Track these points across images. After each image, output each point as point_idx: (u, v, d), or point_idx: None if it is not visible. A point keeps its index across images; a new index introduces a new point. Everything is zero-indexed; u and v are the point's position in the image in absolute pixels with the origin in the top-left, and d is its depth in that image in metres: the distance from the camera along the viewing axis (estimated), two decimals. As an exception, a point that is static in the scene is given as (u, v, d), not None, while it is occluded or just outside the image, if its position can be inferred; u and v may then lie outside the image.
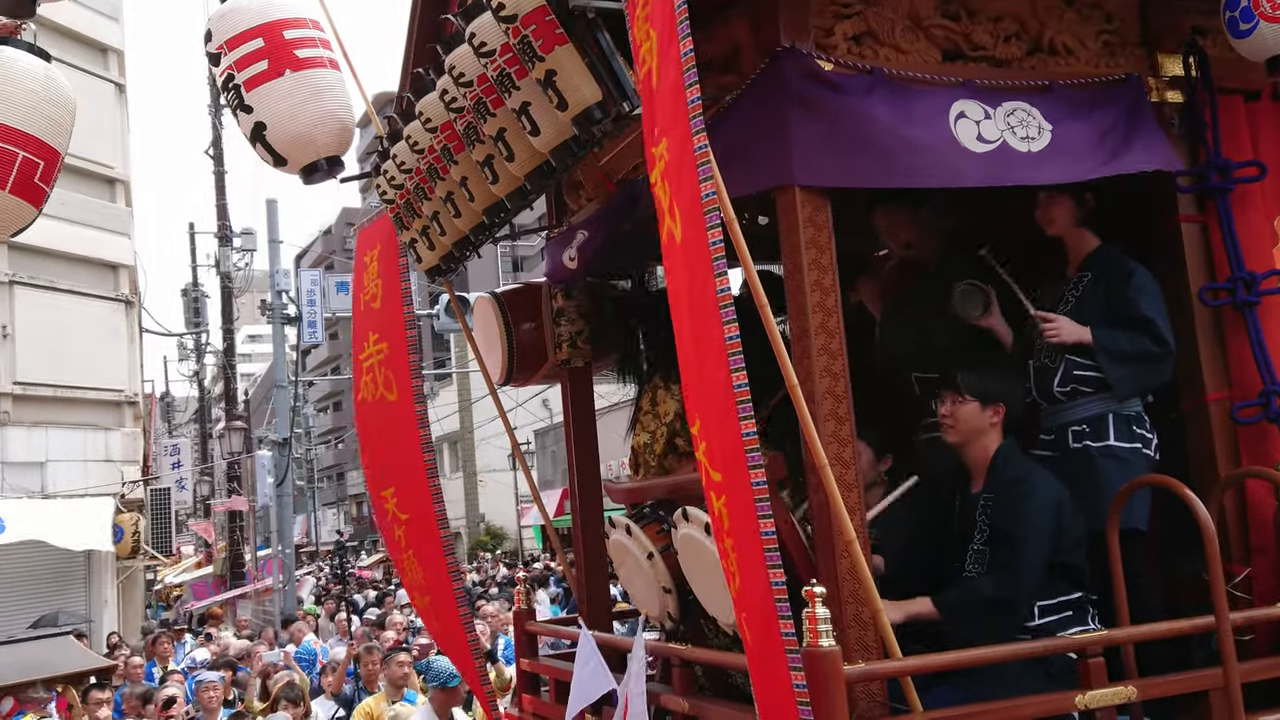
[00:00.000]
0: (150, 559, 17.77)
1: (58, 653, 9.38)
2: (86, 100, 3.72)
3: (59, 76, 3.57)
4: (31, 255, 14.73)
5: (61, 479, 15.01)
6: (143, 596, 18.84)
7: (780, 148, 2.82)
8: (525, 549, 34.77)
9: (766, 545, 2.22)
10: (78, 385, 15.50)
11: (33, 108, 3.46)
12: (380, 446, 4.68)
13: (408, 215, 4.06)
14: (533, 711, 4.24)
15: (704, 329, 2.30)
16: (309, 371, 39.54)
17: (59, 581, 14.84)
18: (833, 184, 2.86)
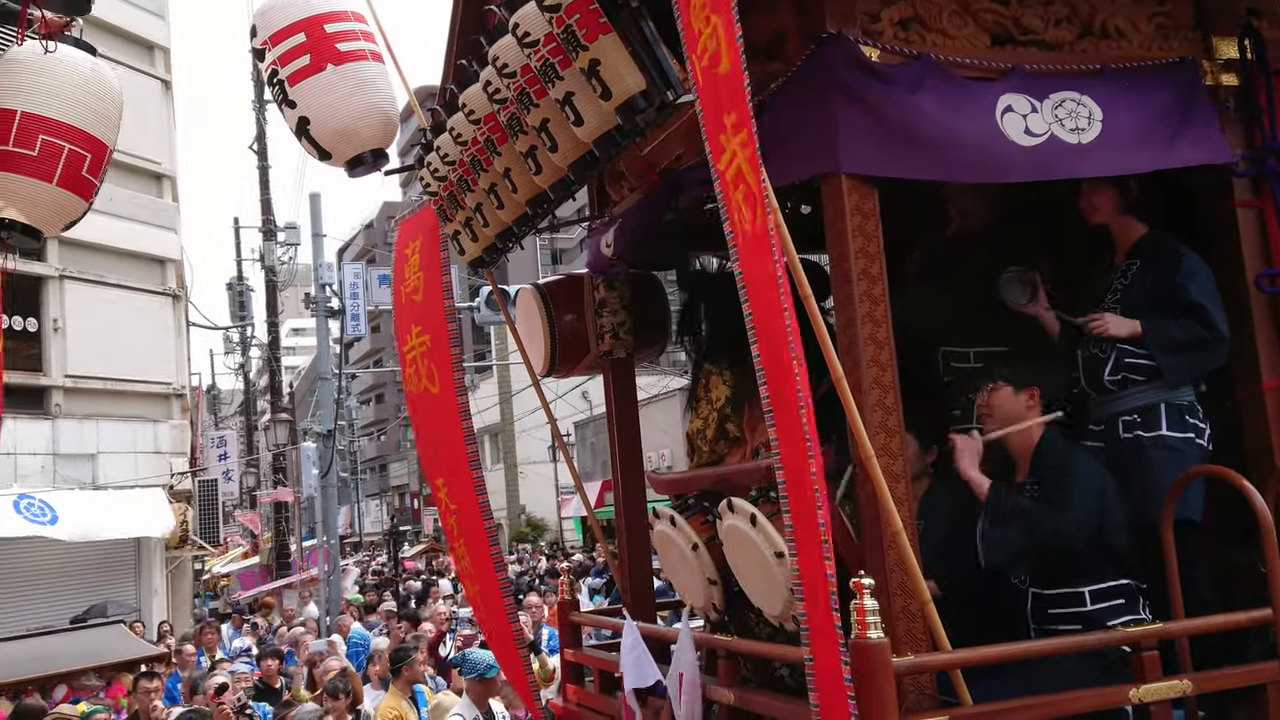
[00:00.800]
0: (198, 549, 18.05)
1: (110, 641, 9.59)
2: (133, 96, 3.79)
3: (105, 70, 3.62)
4: (81, 250, 14.99)
5: (112, 470, 15.28)
6: (191, 586, 19.14)
7: (826, 136, 2.79)
8: (565, 540, 34.92)
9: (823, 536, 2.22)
10: (127, 378, 15.77)
11: (78, 101, 3.51)
12: (429, 438, 4.72)
13: (451, 207, 4.08)
14: (577, 701, 4.25)
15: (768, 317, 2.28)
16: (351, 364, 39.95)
17: (109, 571, 15.12)
18: (878, 173, 2.83)
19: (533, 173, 3.44)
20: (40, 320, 14.82)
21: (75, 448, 14.90)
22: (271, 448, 23.32)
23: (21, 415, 14.39)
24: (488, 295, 17.94)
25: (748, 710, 3.15)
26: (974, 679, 2.66)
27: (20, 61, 3.51)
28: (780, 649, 3.29)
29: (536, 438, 36.10)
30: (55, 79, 3.51)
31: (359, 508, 42.68)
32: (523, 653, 4.53)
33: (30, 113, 3.46)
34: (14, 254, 3.95)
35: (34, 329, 14.75)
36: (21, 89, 3.47)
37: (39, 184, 3.47)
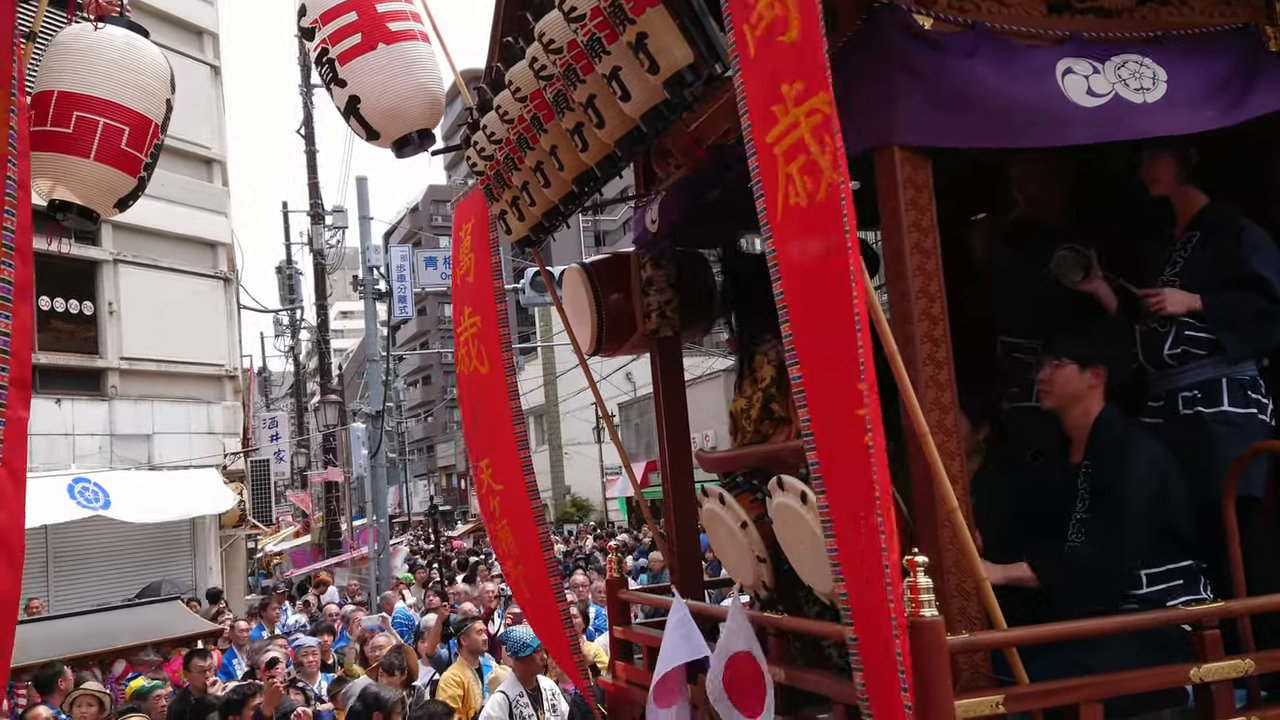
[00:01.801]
0: (251, 528, 18.38)
1: (167, 617, 9.79)
2: (183, 82, 3.80)
3: (142, 43, 3.60)
4: (134, 234, 15.26)
5: (167, 451, 15.59)
6: (245, 564, 19.50)
7: (879, 107, 2.75)
8: (610, 521, 35.07)
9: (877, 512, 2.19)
10: (181, 360, 16.05)
11: (112, 76, 3.50)
12: (477, 418, 4.74)
13: (497, 187, 4.08)
14: (627, 679, 4.26)
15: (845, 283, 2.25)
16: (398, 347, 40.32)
17: (166, 550, 15.45)
18: (934, 143, 2.78)
19: (579, 150, 3.43)
20: (96, 304, 15.12)
21: (131, 428, 15.21)
22: (322, 428, 23.64)
23: (79, 397, 14.71)
24: (533, 276, 17.98)
25: (798, 688, 3.14)
26: (1030, 658, 2.62)
27: (60, 44, 3.55)
28: (829, 626, 3.27)
29: (581, 419, 36.24)
30: (88, 56, 3.52)
31: (407, 488, 43.18)
32: (569, 631, 4.54)
33: (66, 91, 3.49)
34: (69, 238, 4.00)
35: (90, 312, 15.06)
36: (58, 69, 3.51)
37: (77, 160, 3.49)
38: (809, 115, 2.29)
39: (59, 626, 9.41)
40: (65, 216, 3.57)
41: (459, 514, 49.73)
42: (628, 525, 30.69)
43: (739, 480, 3.63)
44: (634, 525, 28.93)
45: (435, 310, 65.17)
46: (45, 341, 14.44)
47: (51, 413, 14.26)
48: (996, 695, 2.50)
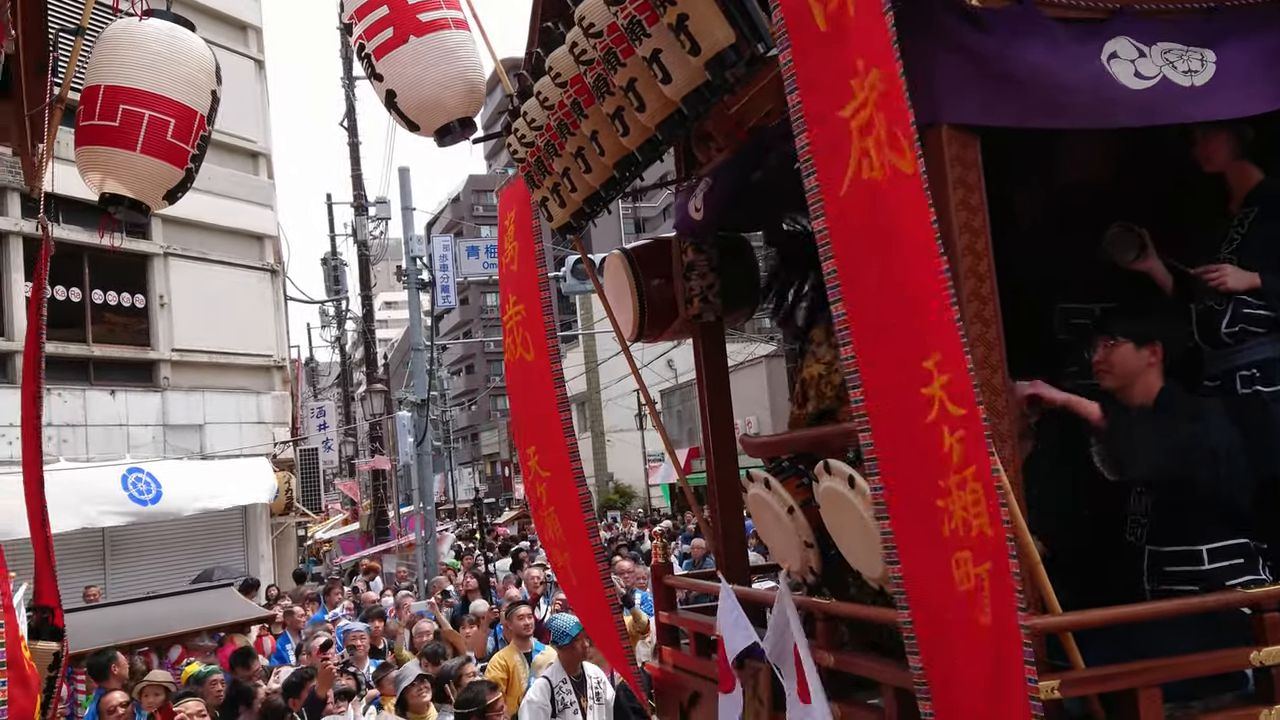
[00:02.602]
0: (301, 516, 18.64)
1: (221, 603, 9.96)
2: (228, 77, 3.83)
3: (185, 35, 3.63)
4: (183, 228, 15.49)
5: (219, 440, 15.84)
6: (295, 551, 19.79)
7: (923, 85, 2.69)
8: (653, 507, 35.13)
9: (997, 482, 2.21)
10: (230, 351, 16.30)
11: (155, 69, 3.53)
12: (523, 406, 4.75)
13: (539, 173, 4.07)
14: (673, 664, 4.26)
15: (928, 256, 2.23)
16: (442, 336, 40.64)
17: (218, 538, 15.72)
18: (979, 122, 2.73)
19: (620, 134, 3.40)
20: (148, 296, 15.38)
21: (183, 419, 15.47)
22: (368, 417, 23.92)
23: (133, 388, 14.99)
24: (574, 264, 18.02)
25: (848, 673, 3.12)
26: (1087, 642, 2.58)
27: (106, 39, 3.59)
28: (877, 611, 3.24)
29: (623, 406, 36.30)
30: (133, 50, 3.55)
31: (452, 475, 43.52)
32: (616, 618, 4.54)
33: (112, 85, 3.52)
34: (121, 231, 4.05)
35: (142, 305, 15.32)
36: (104, 64, 3.55)
37: (124, 153, 3.52)
38: (873, 88, 2.27)
39: (115, 613, 9.60)
40: (117, 209, 3.61)
41: (504, 501, 50.09)
42: (671, 511, 30.72)
43: (785, 465, 3.61)
44: (677, 511, 28.95)
45: (478, 299, 65.62)
46: (99, 334, 14.72)
47: (106, 404, 14.54)
48: (1051, 680, 2.47)
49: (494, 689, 5.22)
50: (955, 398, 2.30)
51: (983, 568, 2.29)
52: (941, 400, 2.32)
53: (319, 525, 26.94)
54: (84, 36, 3.64)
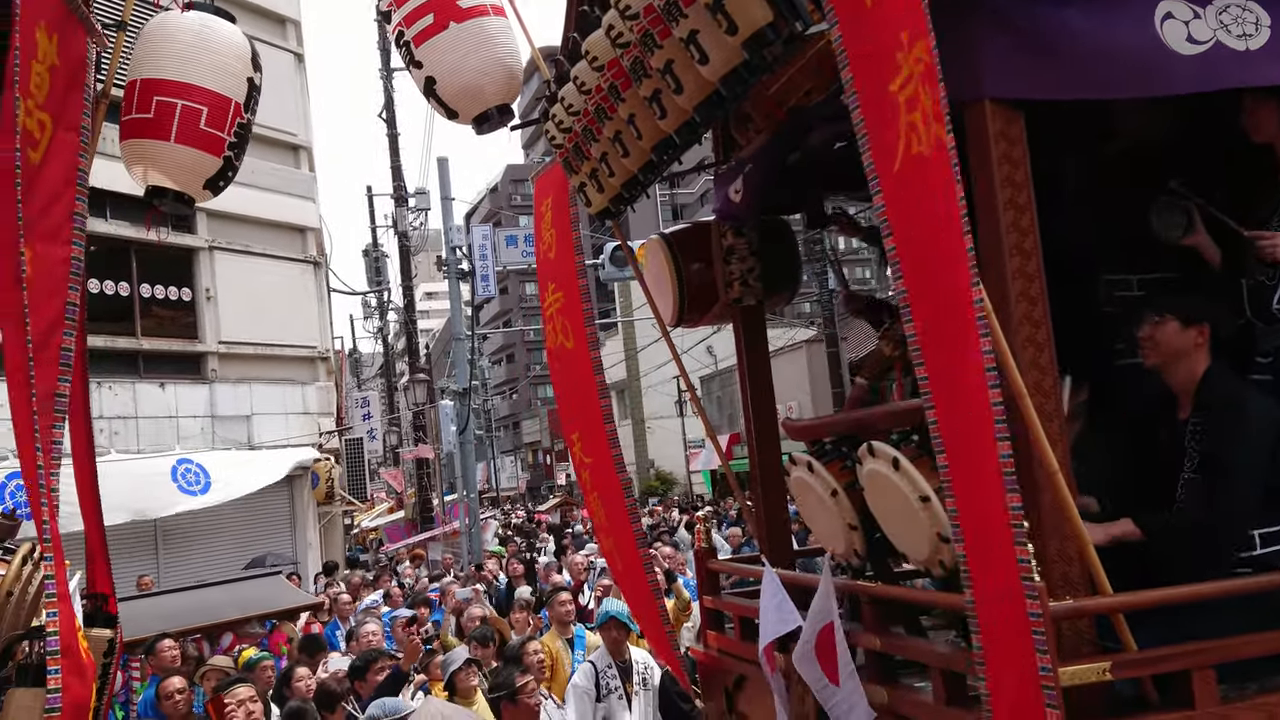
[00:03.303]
0: (347, 504, 18.86)
1: (271, 591, 10.11)
2: (268, 71, 3.85)
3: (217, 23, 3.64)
4: (227, 221, 15.68)
5: (266, 431, 16.06)
6: (342, 540, 20.03)
7: (966, 58, 2.65)
8: (694, 493, 35.14)
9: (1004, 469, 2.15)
10: (276, 343, 16.50)
11: (185, 58, 3.54)
12: (565, 392, 4.76)
13: (576, 159, 4.07)
14: (718, 648, 4.26)
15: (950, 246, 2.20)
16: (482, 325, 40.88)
17: (267, 527, 15.95)
18: (1025, 95, 2.68)
19: (658, 118, 3.39)
20: (194, 289, 15.60)
21: (231, 410, 15.70)
22: (411, 407, 24.08)
23: (181, 381, 15.23)
24: (612, 251, 18.03)
25: (893, 656, 3.10)
26: (1138, 624, 2.54)
27: (143, 34, 3.62)
28: (925, 594, 3.22)
29: (662, 392, 36.35)
30: (165, 42, 3.57)
31: (495, 464, 43.82)
32: (659, 603, 4.55)
33: (146, 78, 3.55)
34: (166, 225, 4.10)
35: (188, 298, 15.54)
36: (140, 58, 3.58)
37: (161, 144, 3.54)
38: (919, 61, 2.25)
39: (167, 601, 9.77)
40: (161, 201, 3.64)
41: (546, 489, 50.35)
42: (712, 498, 30.71)
43: (827, 447, 3.58)
44: (718, 498, 28.93)
45: (517, 289, 65.91)
46: (147, 328, 14.95)
47: (156, 396, 14.79)
48: (1103, 662, 2.43)
49: (524, 672, 5.25)
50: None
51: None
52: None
53: (365, 514, 27.23)
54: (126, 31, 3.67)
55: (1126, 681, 2.51)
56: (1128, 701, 2.54)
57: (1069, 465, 2.61)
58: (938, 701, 2.81)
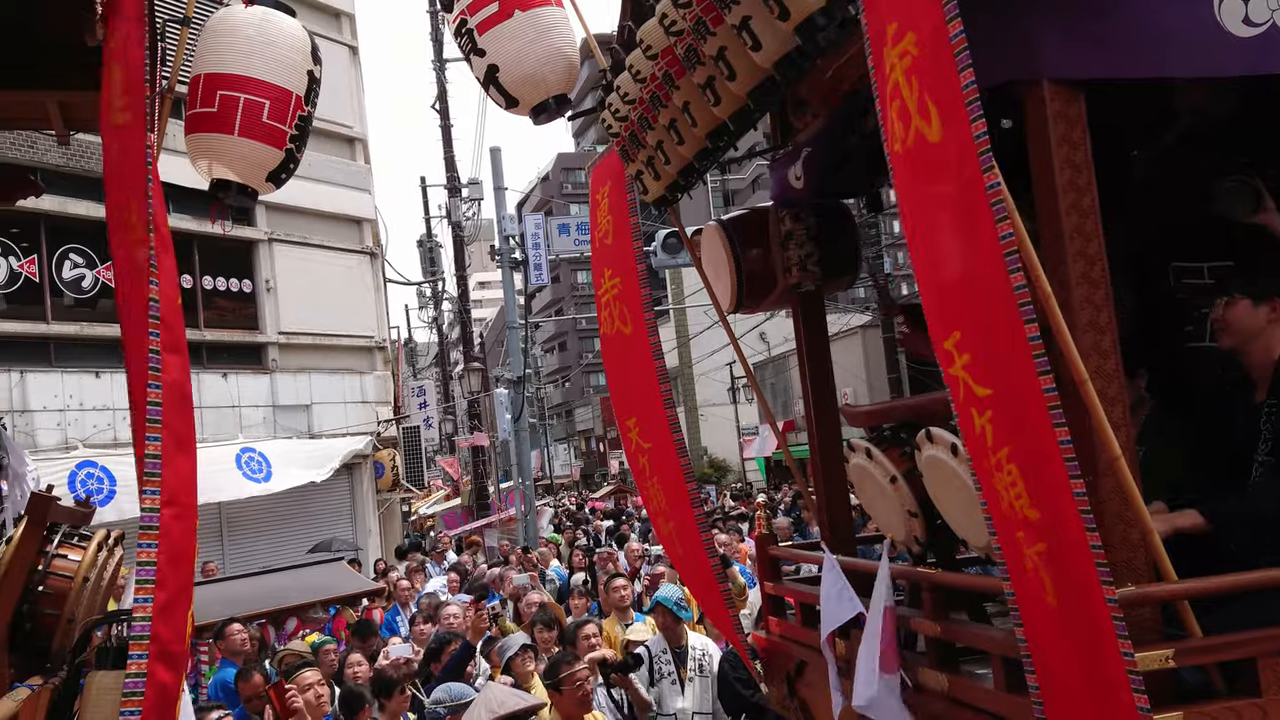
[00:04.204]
0: (405, 492, 19.12)
1: (334, 577, 10.30)
2: (324, 64, 3.89)
3: (277, 17, 3.67)
4: (286, 214, 15.96)
5: (326, 420, 16.34)
6: (400, 527, 20.32)
7: (1022, 37, 2.62)
8: (749, 481, 35.08)
9: (1066, 456, 2.11)
10: (334, 333, 16.77)
11: (247, 52, 3.58)
12: (621, 378, 4.78)
13: (633, 147, 4.08)
14: (780, 634, 4.27)
15: (974, 230, 2.19)
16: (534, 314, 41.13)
17: (328, 514, 16.26)
18: (1082, 75, 2.64)
19: (712, 104, 3.39)
20: (254, 281, 15.90)
21: (291, 399, 16.00)
22: (466, 395, 24.34)
23: (243, 371, 15.55)
24: (664, 238, 18.01)
25: (953, 643, 3.09)
26: (1205, 611, 2.51)
27: (207, 28, 3.68)
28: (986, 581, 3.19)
29: (715, 380, 36.29)
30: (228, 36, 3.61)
31: (548, 452, 44.12)
32: (722, 586, 4.56)
33: (210, 72, 3.61)
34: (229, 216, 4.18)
35: (249, 290, 15.84)
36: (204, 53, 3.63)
37: (224, 137, 3.59)
38: (901, 57, 2.26)
39: (233, 587, 10.01)
40: (225, 195, 3.70)
41: (599, 476, 50.56)
42: (766, 485, 30.63)
43: (886, 434, 3.57)
44: (772, 485, 28.86)
45: (568, 277, 66.13)
46: (210, 319, 15.28)
47: (219, 386, 15.11)
48: (1165, 649, 2.40)
49: (572, 661, 5.29)
50: (979, 378, 2.26)
51: (1035, 549, 2.24)
52: (966, 381, 2.30)
53: (423, 501, 27.59)
54: (190, 27, 3.73)
55: (1192, 669, 2.48)
56: (1193, 689, 2.51)
57: (1133, 451, 2.58)
58: (997, 688, 2.80)
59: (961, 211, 2.21)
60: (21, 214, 12.01)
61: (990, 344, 2.22)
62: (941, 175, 2.25)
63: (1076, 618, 2.17)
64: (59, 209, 12.94)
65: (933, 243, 2.32)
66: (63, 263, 13.69)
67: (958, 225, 2.23)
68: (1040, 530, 2.21)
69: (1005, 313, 2.13)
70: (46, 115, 4.36)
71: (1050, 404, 2.11)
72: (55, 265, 13.66)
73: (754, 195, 49.55)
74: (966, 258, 2.23)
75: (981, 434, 2.29)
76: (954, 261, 2.28)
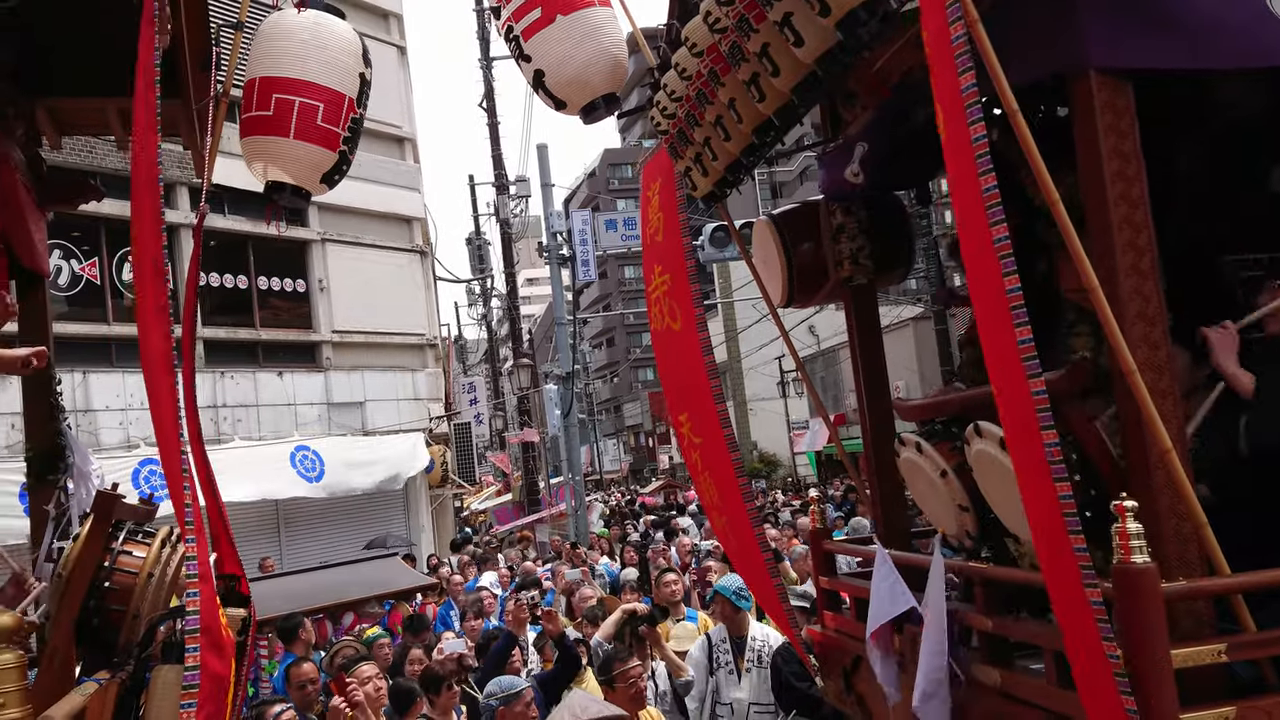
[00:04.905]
0: (457, 488, 19.30)
1: (388, 572, 10.45)
2: (373, 64, 3.95)
3: (329, 20, 3.73)
4: (338, 214, 16.18)
5: (378, 417, 16.55)
6: (453, 522, 20.53)
7: (1069, 26, 2.60)
8: (800, 476, 34.91)
9: (1051, 459, 2.14)
10: (385, 331, 16.98)
11: (301, 55, 3.64)
12: (672, 374, 4.80)
13: (681, 144, 4.10)
14: (835, 628, 4.26)
15: (976, 231, 2.19)
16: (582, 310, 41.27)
17: (382, 510, 16.48)
18: (1130, 65, 2.61)
19: (756, 100, 3.40)
20: (308, 281, 16.14)
21: (345, 397, 16.23)
22: (516, 391, 24.48)
23: (298, 370, 15.80)
24: (711, 233, 17.99)
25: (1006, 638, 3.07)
26: (1259, 606, 2.48)
27: (260, 33, 3.75)
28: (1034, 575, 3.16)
29: (764, 374, 36.15)
30: (281, 40, 3.66)
31: (598, 447, 44.26)
32: (775, 581, 4.56)
33: (264, 76, 3.67)
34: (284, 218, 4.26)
35: (303, 290, 16.09)
36: (258, 57, 3.69)
37: (280, 140, 3.65)
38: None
39: (290, 582, 10.20)
40: (280, 196, 3.76)
41: (649, 471, 50.62)
42: (817, 480, 30.47)
43: (936, 428, 3.56)
44: (823, 480, 28.70)
45: (615, 273, 66.25)
46: (265, 319, 15.55)
47: (275, 385, 15.38)
48: (1218, 644, 2.38)
49: (626, 659, 5.31)
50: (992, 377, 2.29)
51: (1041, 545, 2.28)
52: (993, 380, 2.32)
53: (474, 496, 27.82)
54: (244, 31, 3.80)
55: (1245, 664, 2.45)
56: (1246, 684, 2.48)
57: (1184, 443, 2.56)
58: (1050, 683, 2.78)
59: (962, 210, 2.22)
60: (82, 218, 12.30)
61: (991, 344, 2.24)
62: (953, 169, 2.26)
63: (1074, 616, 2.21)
64: (118, 212, 13.16)
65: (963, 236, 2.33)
66: (122, 265, 14.00)
67: (962, 223, 2.25)
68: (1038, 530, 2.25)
69: (999, 315, 2.15)
70: (106, 121, 4.49)
71: (1039, 406, 2.14)
72: (115, 268, 13.98)
73: (801, 188, 49.29)
74: (972, 257, 2.24)
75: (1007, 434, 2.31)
76: (967, 259, 2.30)
